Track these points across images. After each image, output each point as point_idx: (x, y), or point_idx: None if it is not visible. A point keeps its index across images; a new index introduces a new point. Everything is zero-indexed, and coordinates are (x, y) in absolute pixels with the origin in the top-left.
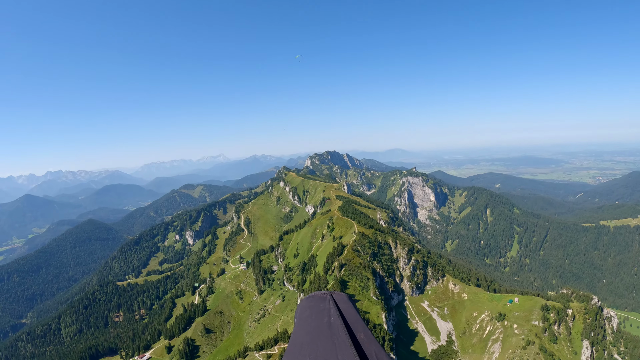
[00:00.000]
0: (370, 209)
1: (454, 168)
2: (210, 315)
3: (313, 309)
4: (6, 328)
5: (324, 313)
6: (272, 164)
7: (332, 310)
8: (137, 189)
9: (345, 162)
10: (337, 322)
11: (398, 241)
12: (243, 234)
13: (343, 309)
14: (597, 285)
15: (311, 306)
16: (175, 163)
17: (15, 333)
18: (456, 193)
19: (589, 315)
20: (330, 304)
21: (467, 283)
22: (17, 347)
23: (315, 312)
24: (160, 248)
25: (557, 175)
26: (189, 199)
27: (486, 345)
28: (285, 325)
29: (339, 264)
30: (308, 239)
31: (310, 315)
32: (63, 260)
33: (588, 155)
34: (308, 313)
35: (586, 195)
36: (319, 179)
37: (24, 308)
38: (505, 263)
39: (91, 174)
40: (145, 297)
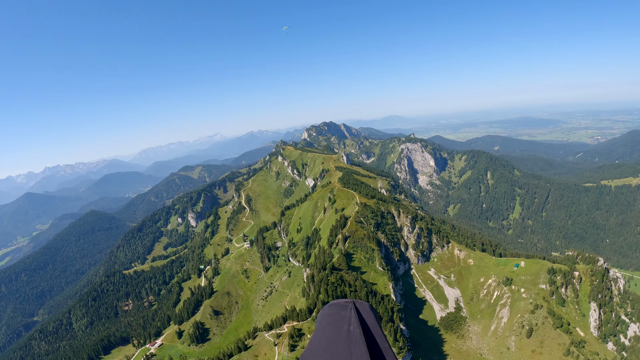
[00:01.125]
0: (371, 178)
1: (452, 132)
2: (217, 296)
3: (334, 316)
4: (19, 328)
5: (344, 321)
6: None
7: (352, 318)
8: (136, 176)
9: (343, 132)
10: (356, 330)
11: (401, 209)
12: (245, 211)
13: (365, 318)
14: (600, 245)
15: (332, 314)
16: (172, 146)
17: (28, 332)
18: (456, 157)
19: (595, 277)
20: (352, 312)
21: (472, 249)
22: (31, 345)
23: (335, 319)
24: (163, 233)
25: (555, 136)
26: (189, 181)
27: (494, 310)
28: (293, 301)
29: (342, 237)
30: (310, 213)
31: (330, 322)
32: (69, 254)
33: (586, 115)
34: (328, 320)
35: (586, 155)
36: (317, 151)
37: (34, 306)
38: (508, 225)
39: (89, 165)
40: (153, 283)
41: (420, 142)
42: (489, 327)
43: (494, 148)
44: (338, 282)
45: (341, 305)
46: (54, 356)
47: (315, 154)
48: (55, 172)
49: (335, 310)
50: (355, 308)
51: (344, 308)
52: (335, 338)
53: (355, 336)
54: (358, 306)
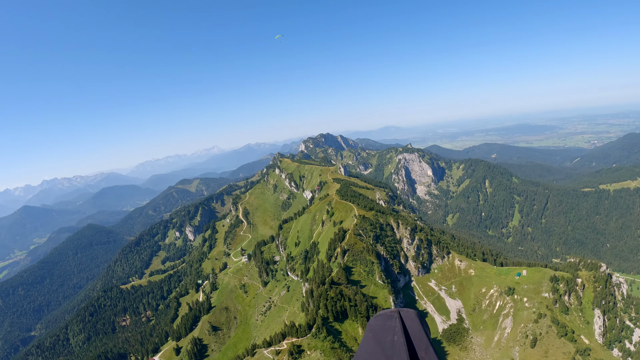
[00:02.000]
0: (369, 190)
1: (449, 141)
2: (215, 312)
3: (380, 327)
4: (16, 342)
5: (389, 331)
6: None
7: (397, 328)
8: (134, 189)
9: (340, 144)
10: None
11: (400, 221)
12: (242, 225)
13: (409, 326)
14: (601, 250)
15: (379, 324)
16: (170, 159)
17: (25, 347)
18: (453, 166)
19: (598, 283)
20: (397, 322)
21: (473, 259)
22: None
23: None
24: (161, 247)
25: (552, 142)
26: (187, 194)
27: (497, 320)
28: (292, 316)
29: (341, 250)
30: (308, 226)
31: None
32: (66, 268)
33: (582, 120)
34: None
35: (583, 160)
36: (315, 163)
37: (32, 320)
38: (507, 233)
39: (87, 179)
40: (150, 298)
41: (417, 152)
42: (492, 338)
43: (491, 156)
44: (338, 297)
45: (387, 316)
46: None
47: (312, 166)
48: (53, 185)
49: (381, 321)
50: (400, 317)
51: (390, 318)
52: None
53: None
54: (403, 315)
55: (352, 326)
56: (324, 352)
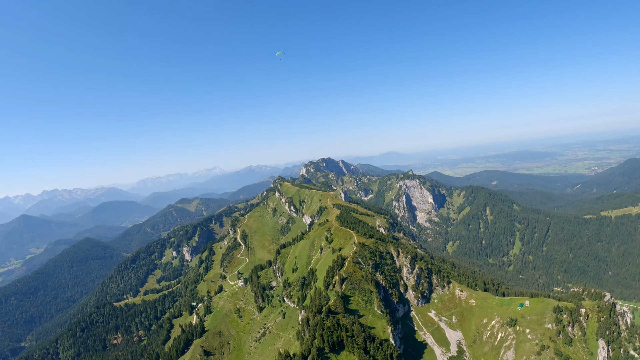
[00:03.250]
0: (369, 217)
1: (450, 168)
2: (208, 336)
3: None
4: (5, 352)
5: None
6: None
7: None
8: (134, 205)
9: (341, 169)
10: None
11: (400, 249)
12: (240, 248)
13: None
14: (603, 278)
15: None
16: (171, 177)
17: (14, 357)
18: (454, 193)
19: (602, 313)
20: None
21: (474, 288)
22: None
23: None
24: (157, 265)
25: (552, 168)
26: (186, 214)
27: (499, 353)
28: (287, 344)
29: (339, 278)
30: (306, 252)
31: None
32: (61, 281)
33: (582, 146)
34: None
35: (584, 187)
36: (315, 188)
37: (22, 331)
38: (508, 261)
39: (87, 192)
40: (143, 317)
41: (418, 178)
42: None
43: (492, 183)
44: (334, 327)
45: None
46: None
47: (312, 190)
48: (53, 196)
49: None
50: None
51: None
52: None
53: None
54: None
55: (349, 357)
56: None
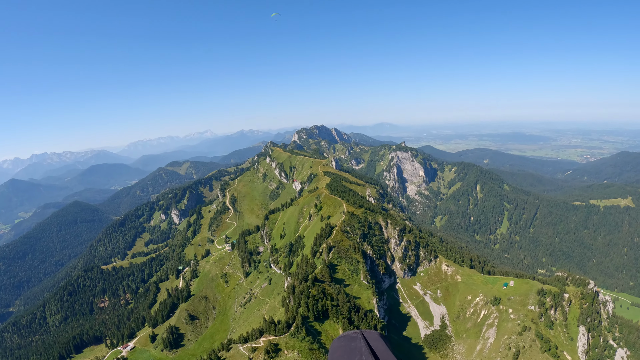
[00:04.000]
0: (360, 186)
1: (442, 143)
2: (194, 300)
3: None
4: None
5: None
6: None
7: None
8: (124, 168)
9: (333, 137)
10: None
11: (389, 221)
12: (228, 212)
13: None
14: (587, 265)
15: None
16: (162, 140)
17: (2, 323)
18: (445, 168)
19: (585, 300)
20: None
21: (460, 264)
22: (4, 338)
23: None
24: (146, 228)
25: (545, 152)
26: (176, 177)
27: (481, 330)
28: (272, 310)
29: (327, 247)
30: (295, 219)
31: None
32: (49, 245)
33: (576, 134)
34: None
35: (575, 173)
36: (307, 154)
37: (11, 296)
38: (495, 240)
39: (77, 155)
40: (131, 280)
41: (410, 151)
42: (475, 348)
43: (483, 161)
44: (320, 296)
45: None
46: (26, 351)
47: (304, 157)
48: (42, 159)
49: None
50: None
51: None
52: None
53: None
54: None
55: (333, 327)
56: (302, 352)
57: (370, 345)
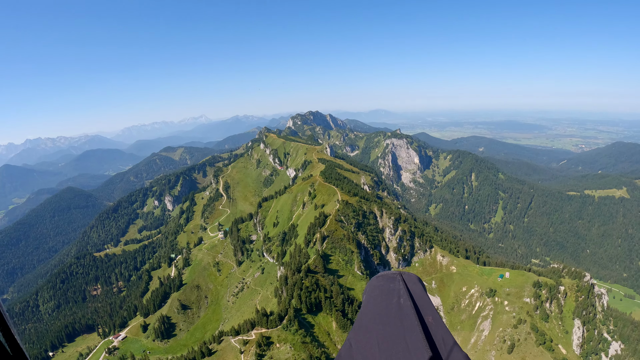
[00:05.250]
0: (354, 173)
1: (438, 130)
2: (186, 289)
3: (383, 288)
4: None
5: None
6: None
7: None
8: (118, 154)
9: (328, 123)
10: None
11: (384, 210)
12: (222, 199)
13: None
14: (581, 255)
15: (381, 286)
16: (156, 125)
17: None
18: (440, 156)
19: (581, 292)
20: (400, 284)
21: (455, 255)
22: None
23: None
24: (139, 215)
25: (540, 141)
26: (170, 162)
27: (475, 322)
28: (265, 300)
29: (321, 236)
30: (288, 207)
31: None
32: (42, 231)
33: (571, 123)
34: (377, 292)
35: (569, 163)
36: (301, 141)
37: (4, 283)
38: (489, 229)
39: (71, 140)
40: (123, 268)
41: (405, 138)
42: (469, 340)
43: (478, 149)
44: (313, 287)
45: (389, 278)
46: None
47: (298, 143)
48: (36, 144)
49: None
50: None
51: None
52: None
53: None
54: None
55: (326, 320)
56: (294, 346)
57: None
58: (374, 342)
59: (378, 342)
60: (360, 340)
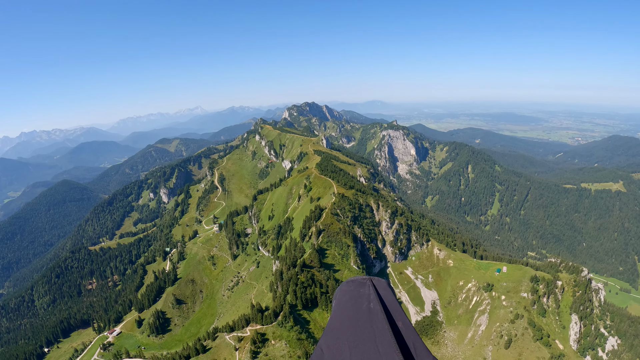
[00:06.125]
0: (350, 165)
1: (434, 121)
2: (181, 284)
3: (352, 293)
4: None
5: (363, 298)
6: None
7: (371, 295)
8: (113, 146)
9: (324, 114)
10: (376, 307)
11: (380, 203)
12: (217, 191)
13: (382, 295)
14: (577, 249)
15: (350, 291)
16: (152, 117)
17: None
18: (437, 148)
19: (578, 287)
20: (370, 289)
21: (452, 248)
22: None
23: (354, 296)
24: (134, 207)
25: (536, 133)
26: (165, 154)
27: (472, 316)
28: (260, 295)
29: (316, 230)
30: (284, 200)
31: (349, 299)
32: (38, 225)
33: (567, 116)
34: (347, 297)
35: (566, 156)
36: (297, 132)
37: (0, 278)
38: (485, 221)
39: (66, 132)
40: (118, 262)
41: (402, 129)
42: (466, 334)
43: (475, 140)
44: (308, 282)
45: (359, 282)
46: (15, 335)
47: (294, 135)
48: (31, 137)
49: (354, 287)
50: (373, 285)
51: (362, 285)
52: (356, 315)
53: (377, 313)
54: (375, 283)
55: (322, 315)
56: (290, 342)
57: (378, 292)
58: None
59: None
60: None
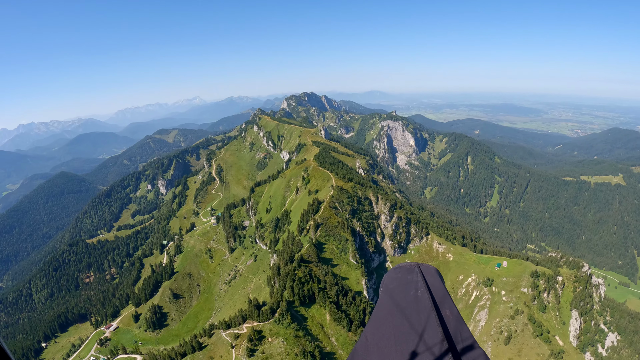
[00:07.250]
0: (349, 157)
1: (433, 112)
2: (178, 278)
3: (400, 280)
4: None
5: (411, 285)
6: (249, 105)
7: (419, 283)
8: (112, 137)
9: (323, 104)
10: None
11: (379, 195)
12: (214, 183)
13: (430, 283)
14: (576, 242)
15: (399, 277)
16: (150, 107)
17: None
18: (436, 138)
19: (579, 283)
20: (418, 276)
21: (452, 242)
22: None
23: (402, 283)
24: (132, 199)
25: (535, 125)
26: (164, 145)
27: (472, 312)
28: (257, 289)
29: (314, 224)
30: (281, 192)
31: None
32: (36, 217)
33: (567, 107)
34: (395, 284)
35: (565, 148)
36: (295, 123)
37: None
38: (485, 213)
39: (64, 124)
40: (116, 254)
41: (401, 120)
42: None
43: (474, 131)
44: (306, 278)
45: (407, 269)
46: (13, 329)
47: (292, 125)
48: (29, 129)
49: (402, 273)
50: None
51: (410, 272)
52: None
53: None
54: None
55: (320, 312)
56: (287, 340)
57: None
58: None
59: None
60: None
